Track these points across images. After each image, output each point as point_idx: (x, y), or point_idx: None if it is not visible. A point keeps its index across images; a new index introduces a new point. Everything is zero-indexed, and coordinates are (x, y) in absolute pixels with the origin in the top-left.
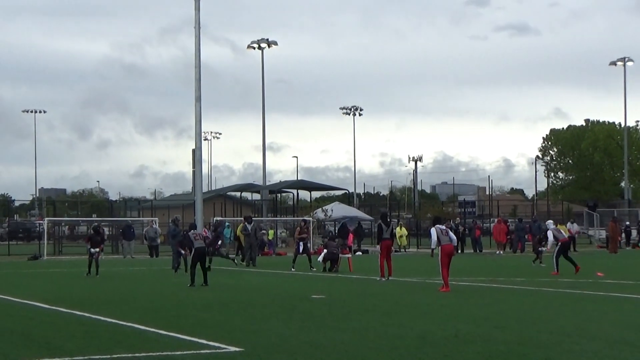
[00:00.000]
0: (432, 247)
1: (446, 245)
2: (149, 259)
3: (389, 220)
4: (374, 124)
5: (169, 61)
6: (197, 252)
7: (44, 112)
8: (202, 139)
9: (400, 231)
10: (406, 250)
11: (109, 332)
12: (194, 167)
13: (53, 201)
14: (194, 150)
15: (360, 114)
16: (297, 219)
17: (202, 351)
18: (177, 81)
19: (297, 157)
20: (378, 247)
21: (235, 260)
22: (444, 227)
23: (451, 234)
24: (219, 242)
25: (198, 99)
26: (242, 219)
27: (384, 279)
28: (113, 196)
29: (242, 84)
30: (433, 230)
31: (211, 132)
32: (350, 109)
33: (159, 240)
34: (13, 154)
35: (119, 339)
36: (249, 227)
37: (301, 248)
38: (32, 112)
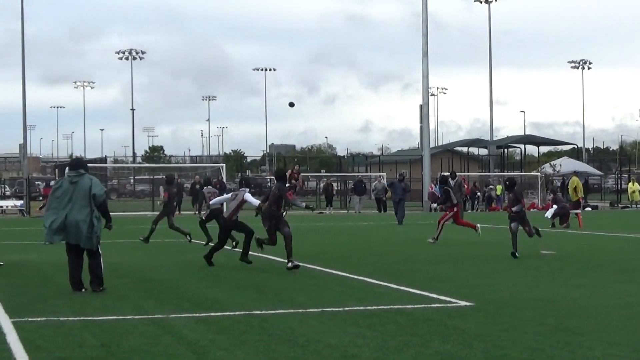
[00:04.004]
0: None
1: None
2: (376, 214)
3: None
4: (604, 78)
5: (393, 13)
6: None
7: (274, 70)
8: (429, 94)
9: (633, 186)
10: (637, 205)
11: (340, 285)
12: (421, 122)
13: (283, 157)
14: (421, 106)
15: (589, 68)
16: (524, 174)
17: (432, 305)
18: (402, 33)
19: (524, 111)
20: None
21: None
22: None
23: None
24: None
25: (425, 54)
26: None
27: None
28: (341, 152)
29: (468, 37)
30: None
31: (437, 88)
32: (579, 63)
33: (386, 196)
34: (244, 111)
35: (350, 292)
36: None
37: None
38: (262, 70)
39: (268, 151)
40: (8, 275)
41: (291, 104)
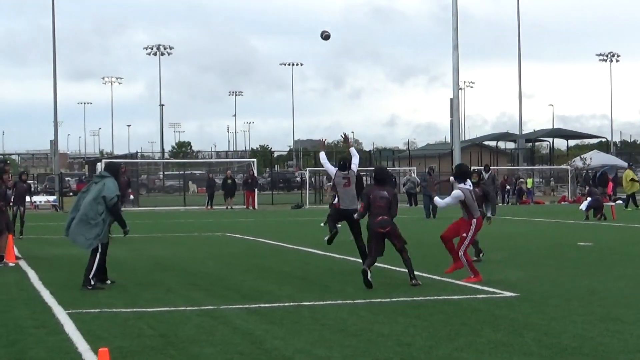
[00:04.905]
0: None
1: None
2: (407, 207)
3: None
4: (632, 70)
5: (418, 6)
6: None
7: (301, 64)
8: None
9: None
10: None
11: (384, 277)
12: (451, 116)
13: (309, 152)
14: (451, 100)
15: (617, 60)
16: (554, 167)
17: (478, 296)
18: (428, 26)
19: (552, 105)
20: None
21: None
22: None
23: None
24: None
25: (455, 47)
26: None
27: None
28: (367, 146)
29: (494, 30)
30: (457, 193)
31: (464, 81)
32: (607, 55)
33: (417, 190)
34: (270, 106)
35: (394, 283)
36: (486, 175)
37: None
38: (289, 64)
39: (294, 146)
40: (54, 269)
41: (325, 36)
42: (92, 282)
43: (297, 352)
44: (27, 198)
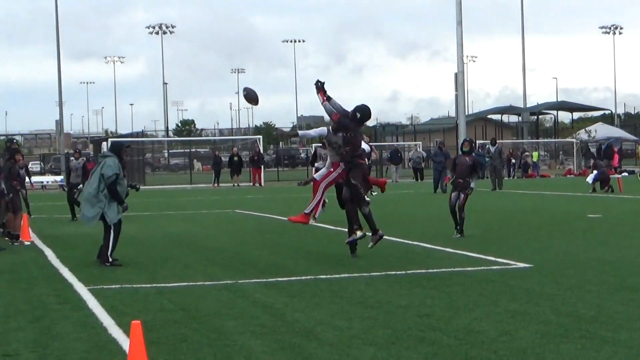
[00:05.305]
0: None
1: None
2: (413, 182)
3: None
4: (635, 42)
5: None
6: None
7: (303, 41)
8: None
9: None
10: None
11: (398, 250)
12: (456, 90)
13: (312, 128)
14: (456, 74)
15: (620, 33)
16: (559, 140)
17: (492, 267)
18: (429, 1)
19: (556, 78)
20: None
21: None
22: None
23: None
24: None
25: (459, 22)
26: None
27: None
28: (370, 122)
29: (495, 3)
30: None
31: (467, 56)
32: (610, 28)
33: (423, 165)
34: (273, 83)
35: (409, 256)
36: (492, 149)
37: None
38: (291, 41)
39: (297, 122)
40: (69, 248)
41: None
42: (111, 259)
43: (318, 324)
44: (26, 179)
